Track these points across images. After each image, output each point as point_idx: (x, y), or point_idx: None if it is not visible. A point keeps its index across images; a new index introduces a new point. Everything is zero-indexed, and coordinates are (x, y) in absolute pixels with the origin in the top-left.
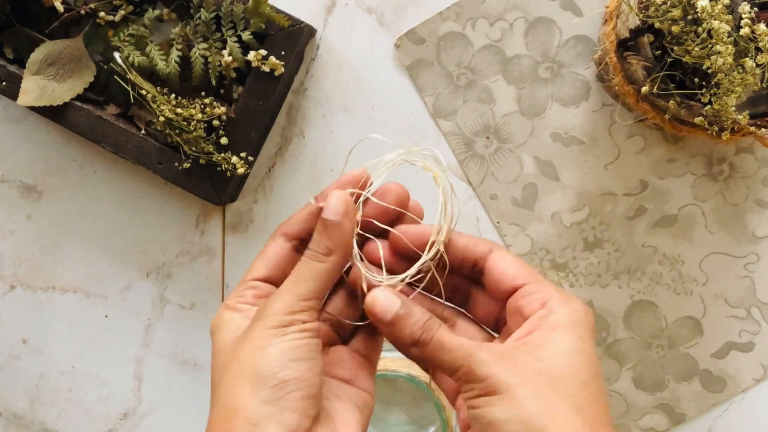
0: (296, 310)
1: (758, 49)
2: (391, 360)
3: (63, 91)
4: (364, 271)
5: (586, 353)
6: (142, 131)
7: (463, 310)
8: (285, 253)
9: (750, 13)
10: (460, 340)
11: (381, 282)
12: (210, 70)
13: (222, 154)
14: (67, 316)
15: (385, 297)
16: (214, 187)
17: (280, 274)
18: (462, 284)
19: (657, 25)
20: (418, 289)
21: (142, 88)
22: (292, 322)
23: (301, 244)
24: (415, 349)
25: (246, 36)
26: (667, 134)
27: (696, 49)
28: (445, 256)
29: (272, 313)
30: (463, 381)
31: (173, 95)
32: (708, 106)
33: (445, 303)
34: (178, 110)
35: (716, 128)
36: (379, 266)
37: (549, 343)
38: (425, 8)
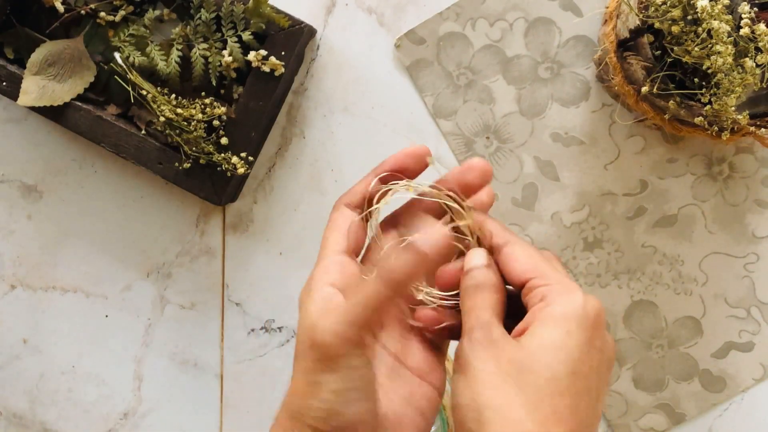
0: (347, 339)
1: (758, 49)
2: None
3: (63, 91)
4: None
5: (568, 348)
6: (143, 131)
7: None
8: (356, 222)
9: (750, 13)
10: (484, 314)
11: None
12: (210, 71)
13: (222, 154)
14: (67, 316)
15: (476, 254)
16: (215, 187)
17: (357, 242)
18: None
19: (657, 25)
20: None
21: (142, 89)
22: (340, 357)
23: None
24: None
25: (246, 36)
26: (667, 134)
27: (696, 49)
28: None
29: (321, 344)
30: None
31: (173, 95)
32: (708, 106)
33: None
34: (179, 110)
35: (716, 128)
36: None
37: (535, 335)
38: (425, 8)
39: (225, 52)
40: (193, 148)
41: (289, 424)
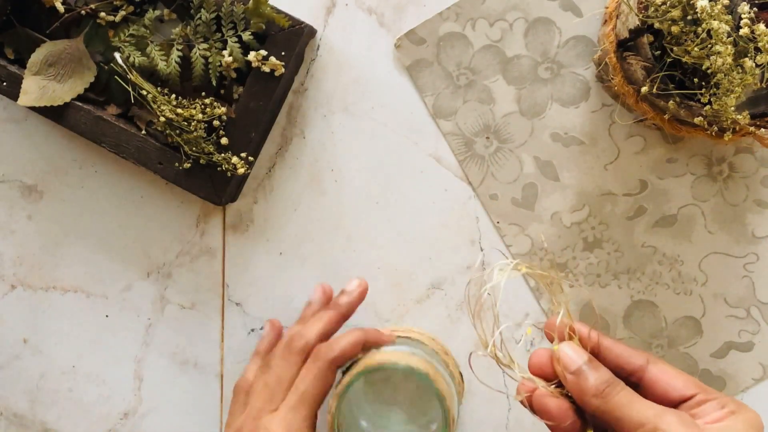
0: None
1: (757, 49)
2: (390, 353)
3: (63, 91)
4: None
5: None
6: (143, 131)
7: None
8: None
9: (749, 13)
10: (647, 403)
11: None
12: (210, 71)
13: (222, 155)
14: (68, 316)
15: (573, 349)
16: (215, 187)
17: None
18: None
19: (657, 25)
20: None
21: (142, 89)
22: None
23: None
24: (596, 399)
25: (246, 36)
26: (667, 134)
27: (695, 49)
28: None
29: None
30: None
31: (174, 95)
32: (708, 106)
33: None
34: (179, 110)
35: (716, 128)
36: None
37: (728, 429)
38: (425, 8)
39: (225, 52)
40: (193, 148)
41: None
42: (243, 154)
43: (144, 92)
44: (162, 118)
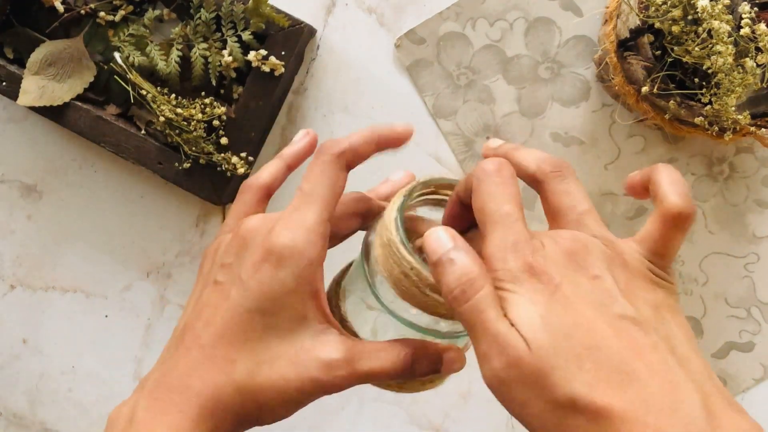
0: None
1: (758, 49)
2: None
3: (63, 91)
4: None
5: None
6: (142, 131)
7: None
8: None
9: (750, 13)
10: (502, 316)
11: None
12: (210, 70)
13: (222, 154)
14: (67, 316)
15: (438, 236)
16: (214, 187)
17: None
18: None
19: (657, 25)
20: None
21: (142, 88)
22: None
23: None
24: (452, 300)
25: (246, 36)
26: (667, 134)
27: (696, 49)
28: None
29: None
30: None
31: (173, 95)
32: (708, 106)
33: None
34: (178, 110)
35: (716, 128)
36: None
37: None
38: (425, 8)
39: (225, 52)
40: (193, 148)
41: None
42: (243, 154)
43: (144, 92)
44: (162, 118)
